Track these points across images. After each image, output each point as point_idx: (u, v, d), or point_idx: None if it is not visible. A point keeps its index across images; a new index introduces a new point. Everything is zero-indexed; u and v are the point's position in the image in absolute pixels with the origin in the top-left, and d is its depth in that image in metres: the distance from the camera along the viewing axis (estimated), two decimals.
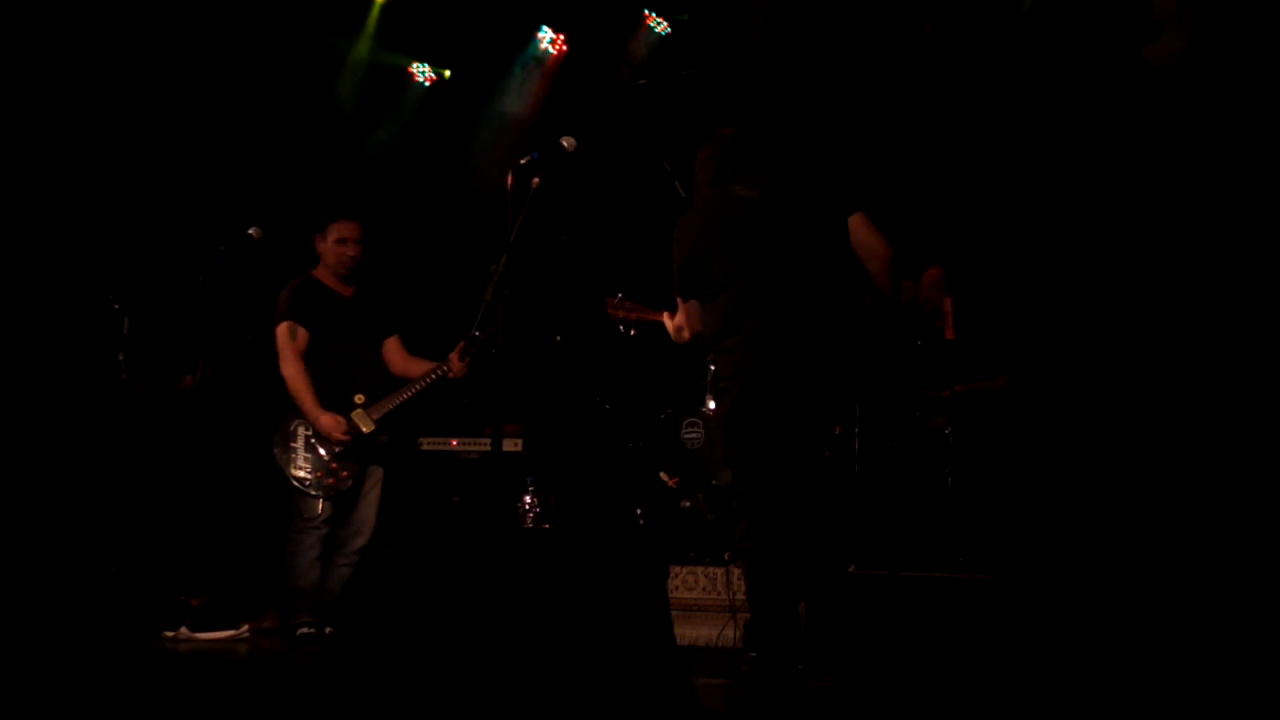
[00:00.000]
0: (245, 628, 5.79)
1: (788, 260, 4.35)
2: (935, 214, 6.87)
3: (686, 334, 4.62)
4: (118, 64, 7.05)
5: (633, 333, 5.19)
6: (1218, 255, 5.95)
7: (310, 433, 5.44)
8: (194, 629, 5.66)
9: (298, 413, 5.44)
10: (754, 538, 4.28)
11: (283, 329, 5.45)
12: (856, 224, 4.39)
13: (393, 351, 5.71)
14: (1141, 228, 6.15)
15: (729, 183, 4.49)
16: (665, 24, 7.68)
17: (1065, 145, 6.42)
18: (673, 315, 4.71)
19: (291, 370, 5.43)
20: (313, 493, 5.41)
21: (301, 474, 5.42)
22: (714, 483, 5.91)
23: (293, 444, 5.44)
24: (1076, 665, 4.54)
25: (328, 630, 5.43)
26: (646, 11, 7.69)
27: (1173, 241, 6.06)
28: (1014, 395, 6.36)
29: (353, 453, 5.47)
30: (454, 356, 5.49)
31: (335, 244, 5.56)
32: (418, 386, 5.54)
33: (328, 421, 5.40)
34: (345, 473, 5.45)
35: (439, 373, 5.52)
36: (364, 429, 5.47)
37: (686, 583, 5.74)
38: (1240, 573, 4.94)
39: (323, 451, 5.44)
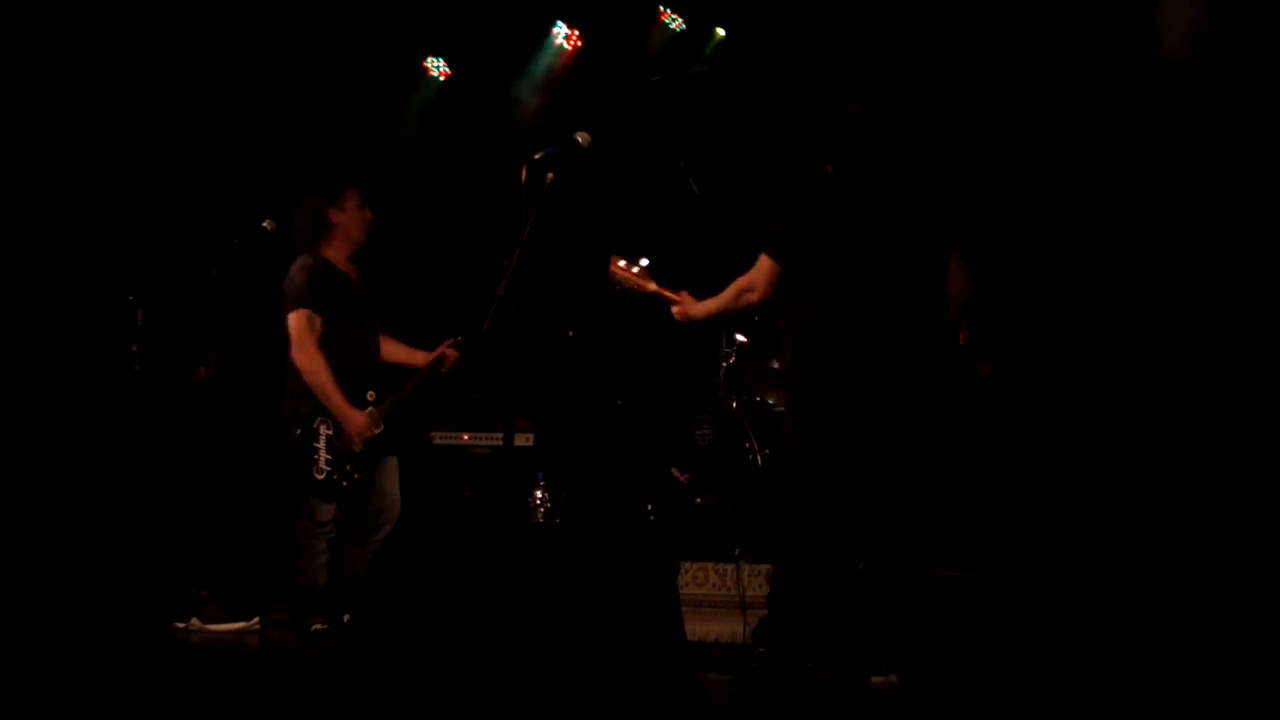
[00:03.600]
0: (256, 620, 5.80)
1: (903, 272, 4.26)
2: (948, 209, 6.83)
3: (755, 296, 4.36)
4: (131, 57, 7.08)
5: (629, 298, 4.97)
6: (1240, 256, 5.90)
7: (332, 432, 5.19)
8: (205, 620, 5.67)
9: (318, 409, 5.18)
10: (802, 534, 4.23)
11: (300, 316, 5.14)
12: (954, 259, 4.42)
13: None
14: (1159, 225, 6.11)
15: (860, 172, 4.34)
16: (680, 21, 7.67)
17: (1080, 142, 6.39)
18: (696, 300, 4.54)
19: (311, 361, 5.12)
20: (328, 496, 5.22)
21: (322, 477, 5.18)
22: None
23: (315, 444, 5.18)
24: (1084, 664, 4.53)
25: (345, 618, 5.27)
26: (661, 8, 7.69)
27: (1190, 240, 6.01)
28: (1025, 391, 6.33)
29: (366, 454, 5.29)
30: (447, 349, 5.42)
31: (358, 210, 5.34)
32: (416, 381, 5.41)
33: (362, 421, 5.20)
34: (358, 474, 5.26)
35: (434, 367, 5.42)
36: (377, 430, 5.30)
37: (697, 578, 5.74)
38: (1245, 573, 4.92)
39: (342, 453, 5.23)
